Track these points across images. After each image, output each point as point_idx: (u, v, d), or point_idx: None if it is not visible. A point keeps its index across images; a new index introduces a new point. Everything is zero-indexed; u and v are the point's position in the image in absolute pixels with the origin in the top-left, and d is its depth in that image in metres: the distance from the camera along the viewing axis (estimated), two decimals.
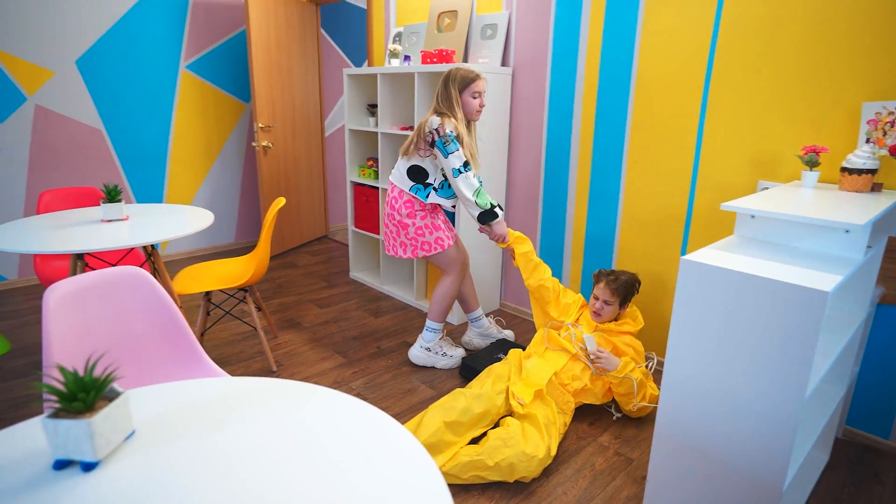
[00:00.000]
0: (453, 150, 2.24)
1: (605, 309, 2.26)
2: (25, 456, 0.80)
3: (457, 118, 2.28)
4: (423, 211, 2.43)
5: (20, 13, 3.26)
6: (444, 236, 2.48)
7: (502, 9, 2.97)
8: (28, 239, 2.00)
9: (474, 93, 2.31)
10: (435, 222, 2.46)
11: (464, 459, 1.79)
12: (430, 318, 2.57)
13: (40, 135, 3.46)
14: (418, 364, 2.61)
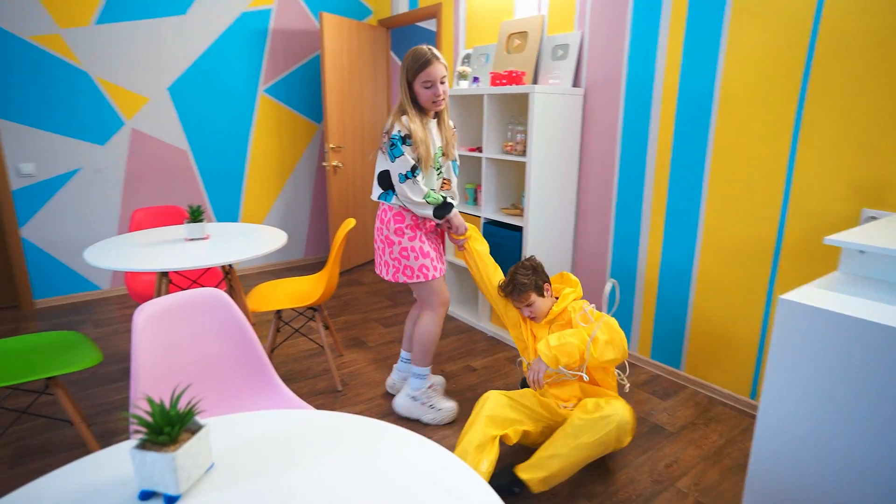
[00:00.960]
0: (398, 154, 2.01)
1: (535, 309, 2.05)
2: (113, 484, 0.82)
3: (409, 113, 2.03)
4: (413, 231, 2.15)
5: (123, 46, 3.54)
6: (430, 266, 2.18)
7: (574, 29, 2.91)
8: (120, 256, 2.13)
9: (425, 82, 2.00)
10: (424, 248, 2.17)
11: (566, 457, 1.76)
12: (414, 362, 2.28)
13: (135, 156, 3.74)
14: (403, 415, 2.31)
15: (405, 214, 2.14)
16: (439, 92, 2.02)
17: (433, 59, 1.99)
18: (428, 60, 1.98)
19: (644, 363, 2.84)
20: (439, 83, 2.01)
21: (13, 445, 2.11)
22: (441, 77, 2.01)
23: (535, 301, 2.03)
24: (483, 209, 3.12)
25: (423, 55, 1.99)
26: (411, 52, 2.02)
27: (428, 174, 2.13)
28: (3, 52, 3.20)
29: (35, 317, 3.44)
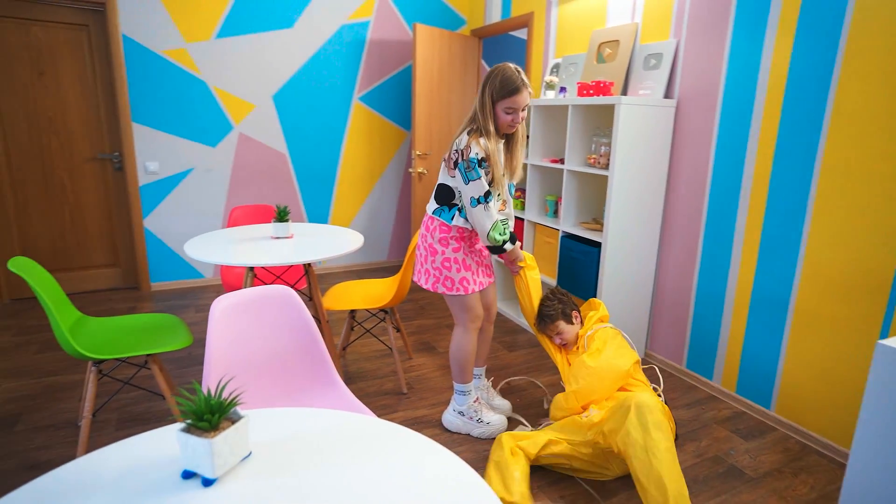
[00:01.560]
0: (474, 178, 1.94)
1: (565, 336, 2.21)
2: (163, 460, 0.91)
3: (488, 133, 1.96)
4: (458, 243, 2.10)
5: (236, 58, 3.89)
6: (471, 280, 2.13)
7: (670, 37, 2.76)
8: (214, 250, 2.34)
9: (508, 108, 1.94)
10: (467, 260, 2.12)
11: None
12: (454, 379, 2.27)
13: (241, 157, 4.08)
14: (452, 430, 2.29)
15: (451, 226, 2.10)
16: (519, 120, 1.97)
17: (522, 88, 1.92)
18: (517, 88, 1.91)
19: (728, 397, 2.61)
20: (521, 110, 1.96)
21: (120, 411, 2.38)
22: (525, 105, 1.96)
23: (563, 329, 2.14)
24: (562, 222, 3.04)
25: (514, 82, 1.91)
26: (499, 74, 1.92)
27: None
28: (140, 65, 3.64)
29: (150, 298, 3.86)
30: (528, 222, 3.37)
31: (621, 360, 2.04)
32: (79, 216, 3.79)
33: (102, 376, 2.36)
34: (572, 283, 2.98)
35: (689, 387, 2.74)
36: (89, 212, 3.82)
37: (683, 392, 2.69)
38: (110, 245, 3.94)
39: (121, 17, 3.53)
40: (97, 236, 3.88)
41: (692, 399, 2.62)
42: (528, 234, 3.39)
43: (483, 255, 2.25)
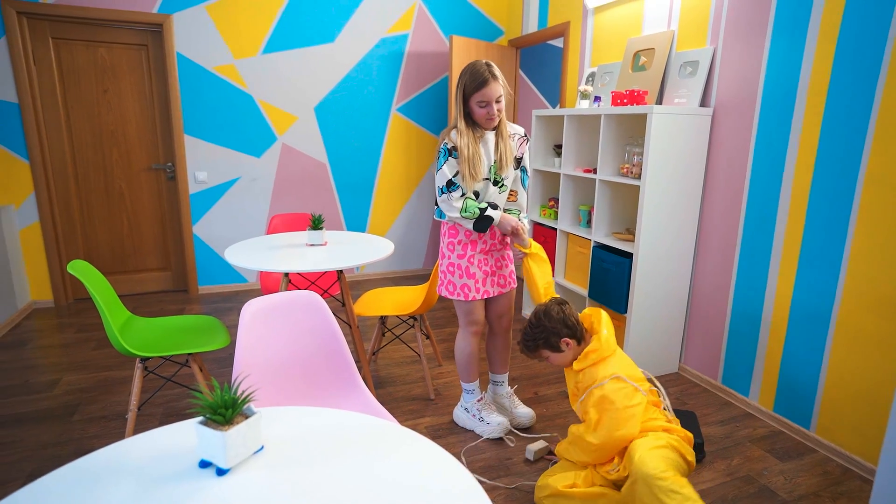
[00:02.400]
0: (439, 167, 2.06)
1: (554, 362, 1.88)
2: (182, 450, 0.98)
3: (459, 128, 2.02)
4: (464, 249, 2.17)
5: (281, 72, 4.08)
6: (472, 287, 2.17)
7: (706, 44, 2.71)
8: (253, 256, 2.46)
9: (480, 101, 1.97)
10: (471, 269, 2.17)
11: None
12: (459, 377, 2.39)
13: (283, 167, 4.26)
14: (459, 424, 2.39)
15: (459, 230, 2.17)
16: (493, 111, 1.99)
17: (490, 79, 1.94)
18: (485, 80, 1.94)
19: (764, 415, 2.51)
20: (494, 102, 1.97)
21: (164, 406, 2.54)
22: (496, 96, 1.97)
23: (549, 356, 1.87)
24: (594, 232, 3.02)
25: (481, 75, 1.95)
26: (469, 69, 1.98)
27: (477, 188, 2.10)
28: (192, 80, 3.87)
29: (197, 300, 4.07)
30: (561, 232, 3.36)
31: (625, 429, 1.68)
32: (135, 223, 4.05)
33: (148, 373, 2.51)
34: (604, 294, 2.95)
35: (723, 403, 2.66)
36: (144, 219, 4.07)
37: (717, 408, 2.60)
38: (163, 250, 4.18)
39: (176, 37, 3.77)
40: (151, 242, 4.14)
41: (726, 416, 2.54)
42: (561, 244, 3.38)
43: (502, 264, 2.25)
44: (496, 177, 2.12)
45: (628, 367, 1.80)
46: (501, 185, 2.14)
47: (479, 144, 2.06)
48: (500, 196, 2.17)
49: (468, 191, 2.09)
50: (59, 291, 3.88)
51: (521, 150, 2.17)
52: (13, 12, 3.41)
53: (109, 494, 0.86)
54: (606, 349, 1.78)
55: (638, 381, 1.76)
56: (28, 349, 3.15)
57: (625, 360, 1.83)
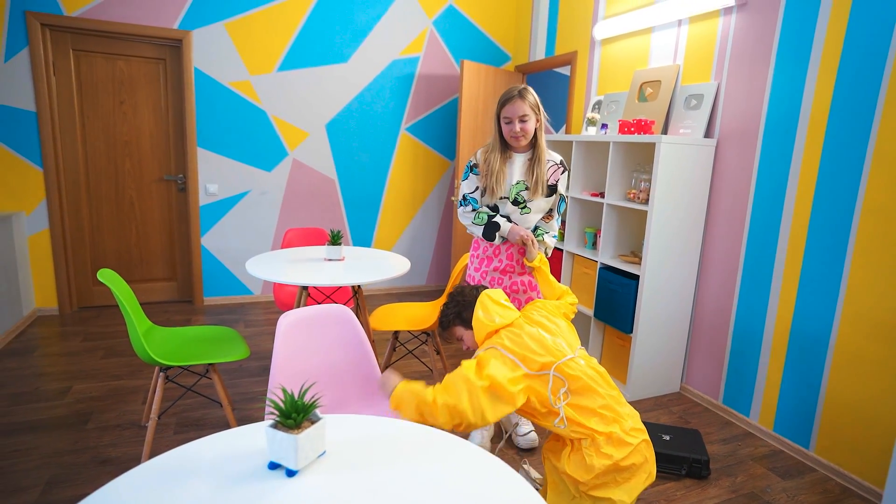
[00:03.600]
0: (462, 179, 2.23)
1: (468, 343, 1.71)
2: (250, 453, 1.04)
3: (490, 142, 2.15)
4: (480, 263, 2.23)
5: (294, 90, 4.17)
6: None
7: (711, 79, 2.85)
8: (273, 268, 2.52)
9: (504, 118, 2.06)
10: (483, 283, 2.19)
11: None
12: None
13: (293, 182, 4.33)
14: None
15: (480, 243, 2.25)
16: (516, 129, 2.05)
17: (515, 98, 2.03)
18: (510, 98, 2.04)
19: (765, 435, 2.60)
20: (517, 121, 2.04)
21: (178, 416, 2.56)
22: (520, 115, 2.03)
23: (463, 335, 1.70)
24: (601, 254, 3.12)
25: (509, 93, 2.05)
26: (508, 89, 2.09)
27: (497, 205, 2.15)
28: (208, 95, 3.95)
29: (202, 311, 4.09)
30: (567, 253, 3.45)
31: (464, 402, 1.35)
32: (144, 232, 4.08)
33: (168, 382, 2.54)
34: (610, 314, 3.04)
35: (724, 422, 2.74)
36: (153, 229, 4.11)
37: (719, 427, 2.69)
38: (170, 260, 4.21)
39: (194, 52, 3.86)
40: (159, 252, 4.16)
41: (728, 434, 2.62)
42: (567, 265, 3.48)
43: (519, 288, 2.20)
44: (517, 197, 2.13)
45: (536, 342, 1.49)
46: (523, 206, 2.15)
47: (507, 163, 2.14)
48: (522, 217, 2.18)
49: (482, 206, 2.20)
50: (63, 299, 3.89)
51: (555, 177, 2.17)
52: (37, 24, 3.48)
53: (191, 490, 0.92)
54: (482, 328, 1.57)
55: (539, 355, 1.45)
56: (36, 357, 3.15)
57: (534, 336, 1.51)
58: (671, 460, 2.27)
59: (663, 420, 2.74)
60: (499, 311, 1.61)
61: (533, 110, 2.05)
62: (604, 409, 1.42)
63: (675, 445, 2.32)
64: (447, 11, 4.51)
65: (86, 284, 4.00)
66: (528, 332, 1.52)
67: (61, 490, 1.99)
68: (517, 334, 1.51)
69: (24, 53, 3.50)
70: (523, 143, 2.11)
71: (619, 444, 1.40)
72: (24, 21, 3.47)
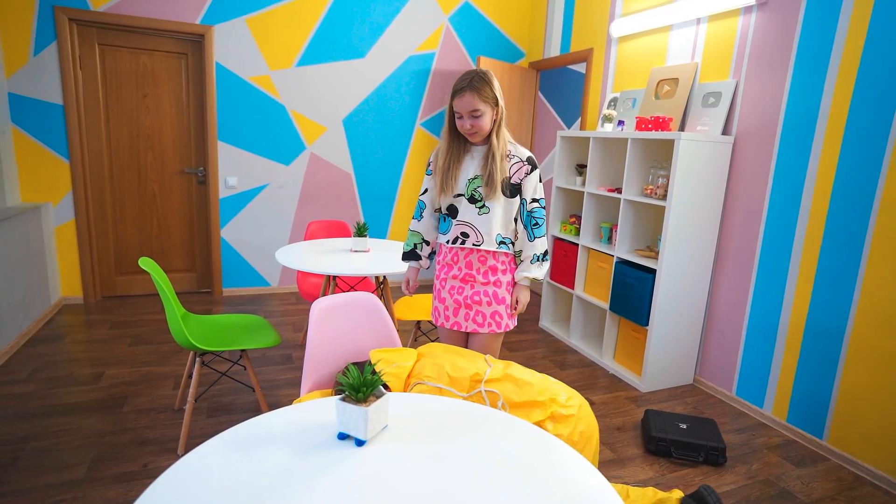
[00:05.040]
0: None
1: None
2: (318, 425, 1.11)
3: (442, 134, 1.92)
4: (440, 270, 2.02)
5: (313, 84, 4.24)
6: (441, 312, 2.01)
7: (729, 77, 2.91)
8: (301, 259, 2.59)
9: (456, 111, 1.82)
10: (441, 293, 2.00)
11: None
12: None
13: (310, 176, 4.40)
14: None
15: (443, 248, 2.01)
16: (466, 126, 1.80)
17: (465, 91, 1.76)
18: (460, 90, 1.77)
19: (778, 425, 2.67)
20: (468, 116, 1.78)
21: (210, 400, 2.64)
22: (471, 110, 1.77)
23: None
24: (617, 248, 3.19)
25: (459, 84, 1.79)
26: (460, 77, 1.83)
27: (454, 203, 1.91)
28: (229, 89, 4.02)
29: (221, 302, 4.17)
30: (583, 247, 3.52)
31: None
32: (165, 224, 4.16)
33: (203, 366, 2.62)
34: (625, 307, 3.11)
35: (738, 413, 2.82)
36: (174, 220, 4.18)
37: (733, 418, 2.76)
38: (189, 252, 4.29)
39: (215, 47, 3.92)
40: (179, 243, 4.24)
41: (742, 425, 2.70)
42: (582, 259, 3.55)
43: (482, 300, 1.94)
44: (475, 194, 1.87)
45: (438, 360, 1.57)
46: (481, 206, 1.87)
47: (465, 157, 1.89)
48: (481, 218, 1.88)
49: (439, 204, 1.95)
50: (88, 288, 3.97)
51: (519, 175, 1.89)
52: (65, 19, 3.54)
53: (269, 456, 0.99)
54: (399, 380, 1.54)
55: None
56: (66, 343, 3.24)
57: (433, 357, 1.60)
58: (688, 447, 2.35)
59: (678, 410, 2.82)
60: (398, 357, 1.59)
61: (487, 103, 1.78)
62: (540, 393, 1.48)
63: (692, 433, 2.40)
64: (463, 8, 4.56)
65: (109, 274, 4.08)
66: (439, 358, 1.54)
67: (106, 468, 2.07)
68: (432, 363, 1.51)
69: (53, 48, 3.57)
70: (477, 139, 1.86)
71: (561, 420, 1.47)
72: (52, 16, 3.53)
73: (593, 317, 3.70)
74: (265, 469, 0.96)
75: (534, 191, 1.92)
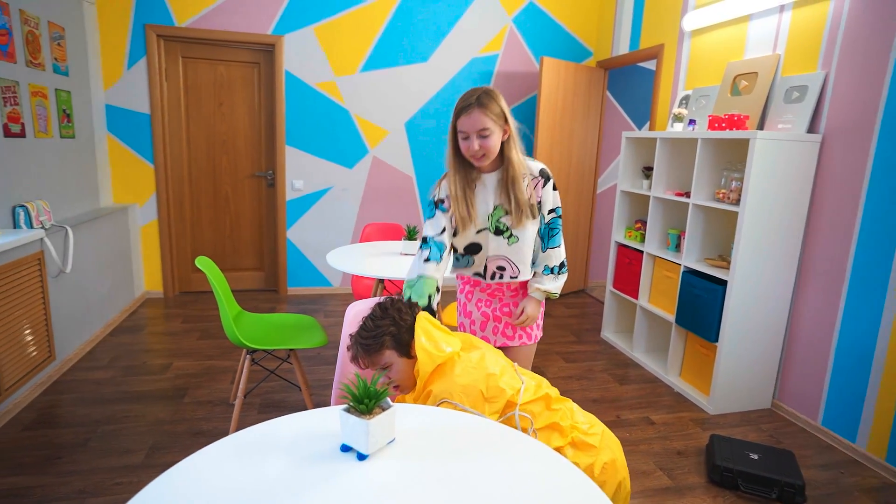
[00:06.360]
0: (426, 217, 1.78)
1: (396, 375, 1.37)
2: (325, 434, 1.09)
3: (447, 163, 1.70)
4: (464, 285, 1.92)
5: (376, 89, 4.30)
6: (468, 327, 1.92)
7: (818, 69, 2.61)
8: (352, 261, 2.62)
9: (460, 132, 1.62)
10: (468, 307, 1.89)
11: None
12: None
13: (373, 179, 4.47)
14: None
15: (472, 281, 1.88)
16: (474, 147, 1.60)
17: (473, 107, 1.57)
18: (467, 107, 1.58)
19: (875, 465, 2.34)
20: (476, 136, 1.60)
21: (262, 397, 2.73)
22: (479, 129, 1.58)
23: (393, 363, 1.36)
24: (685, 257, 2.95)
25: (465, 100, 1.60)
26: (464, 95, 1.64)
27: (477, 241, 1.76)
28: (296, 96, 4.18)
29: (286, 300, 4.34)
30: (647, 255, 3.30)
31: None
32: (236, 225, 4.39)
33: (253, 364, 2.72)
34: (693, 320, 2.88)
35: (824, 446, 2.51)
36: (244, 222, 4.40)
37: (818, 451, 2.46)
38: (258, 251, 4.50)
39: (285, 56, 4.09)
40: (249, 243, 4.46)
41: (828, 460, 2.39)
42: (647, 267, 3.33)
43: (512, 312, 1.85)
44: (499, 225, 1.73)
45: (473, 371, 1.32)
46: (509, 235, 1.74)
47: (477, 186, 1.72)
48: (512, 248, 1.76)
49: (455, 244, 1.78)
50: (167, 284, 4.26)
51: (537, 193, 1.74)
52: (154, 35, 3.84)
53: (267, 465, 0.98)
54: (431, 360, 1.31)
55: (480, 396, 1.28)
56: (144, 334, 3.49)
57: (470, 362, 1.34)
58: (759, 481, 2.11)
59: (751, 438, 2.56)
60: (444, 338, 1.36)
61: (496, 121, 1.61)
62: (563, 419, 1.34)
63: (765, 466, 2.16)
64: (527, 8, 4.46)
65: (186, 271, 4.36)
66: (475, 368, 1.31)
67: (161, 456, 2.19)
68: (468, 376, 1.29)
69: (143, 62, 3.88)
70: (485, 162, 1.67)
71: (584, 448, 1.34)
72: (143, 33, 3.84)
73: (658, 329, 3.46)
74: (259, 477, 0.94)
75: (552, 202, 1.79)
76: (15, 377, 2.50)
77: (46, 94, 3.05)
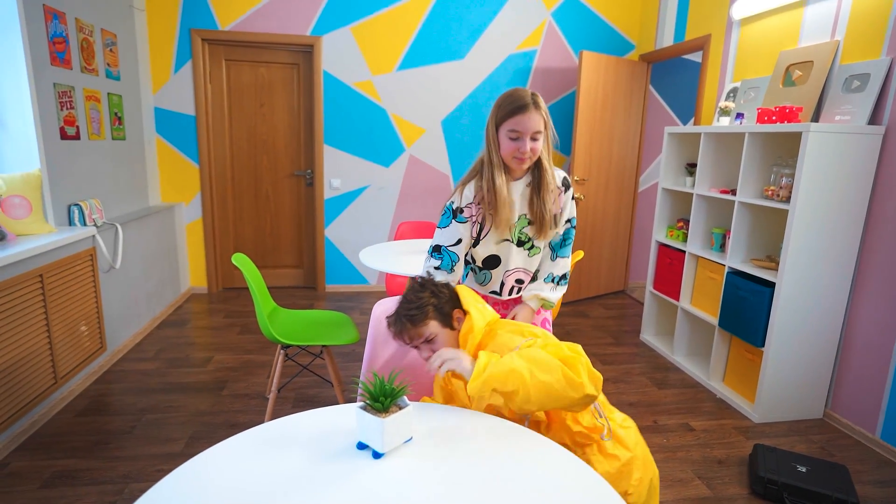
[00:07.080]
0: (440, 225, 1.68)
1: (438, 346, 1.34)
2: (343, 431, 1.08)
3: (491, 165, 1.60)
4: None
5: (412, 87, 4.31)
6: None
7: (882, 55, 2.43)
8: (383, 259, 2.63)
9: (512, 132, 1.54)
10: None
11: None
12: None
13: (409, 177, 4.48)
14: None
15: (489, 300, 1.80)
16: (525, 148, 1.54)
17: (530, 107, 1.52)
18: (524, 106, 1.52)
19: None
20: (529, 138, 1.54)
21: (297, 391, 2.78)
22: (533, 131, 1.54)
23: (437, 335, 1.34)
24: (730, 258, 2.82)
25: (520, 99, 1.54)
26: (507, 95, 1.58)
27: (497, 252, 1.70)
28: (334, 95, 4.23)
29: (323, 297, 4.41)
30: (690, 255, 3.17)
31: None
32: (276, 223, 4.50)
33: (287, 359, 2.77)
34: (737, 324, 2.74)
35: (882, 461, 2.34)
36: (284, 220, 4.50)
37: (875, 466, 2.30)
38: (297, 249, 4.59)
39: (323, 56, 4.15)
40: (288, 241, 4.56)
41: (887, 476, 2.23)
42: (689, 268, 3.20)
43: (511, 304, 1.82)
44: (521, 236, 1.69)
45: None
46: (531, 247, 1.71)
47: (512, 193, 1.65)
48: (532, 259, 1.73)
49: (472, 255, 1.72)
50: (211, 280, 4.41)
51: (559, 202, 1.69)
52: (199, 39, 3.97)
53: (283, 461, 0.98)
54: (482, 317, 1.33)
55: None
56: (188, 328, 3.62)
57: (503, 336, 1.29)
58: (808, 496, 1.99)
59: (799, 449, 2.41)
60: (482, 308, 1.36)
61: (547, 128, 1.58)
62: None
63: (814, 479, 2.03)
64: (567, 2, 4.36)
65: (228, 268, 4.51)
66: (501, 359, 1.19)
67: (200, 446, 2.26)
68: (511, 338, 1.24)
69: (188, 66, 4.02)
70: (527, 166, 1.61)
71: (618, 441, 1.29)
72: (189, 38, 3.98)
73: (700, 333, 3.31)
74: (273, 473, 0.95)
75: (569, 212, 1.74)
76: (70, 366, 2.64)
77: (99, 98, 3.20)
